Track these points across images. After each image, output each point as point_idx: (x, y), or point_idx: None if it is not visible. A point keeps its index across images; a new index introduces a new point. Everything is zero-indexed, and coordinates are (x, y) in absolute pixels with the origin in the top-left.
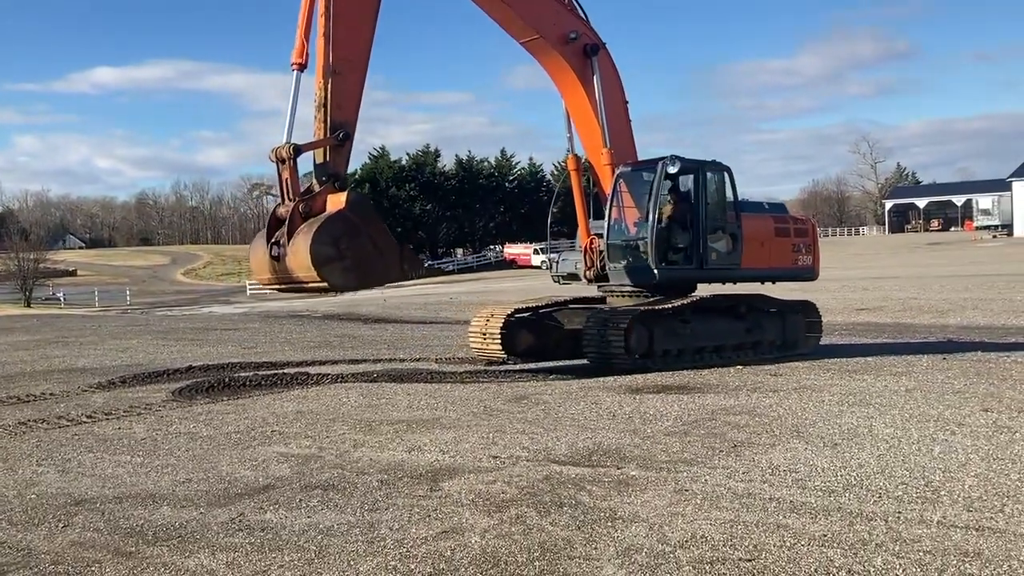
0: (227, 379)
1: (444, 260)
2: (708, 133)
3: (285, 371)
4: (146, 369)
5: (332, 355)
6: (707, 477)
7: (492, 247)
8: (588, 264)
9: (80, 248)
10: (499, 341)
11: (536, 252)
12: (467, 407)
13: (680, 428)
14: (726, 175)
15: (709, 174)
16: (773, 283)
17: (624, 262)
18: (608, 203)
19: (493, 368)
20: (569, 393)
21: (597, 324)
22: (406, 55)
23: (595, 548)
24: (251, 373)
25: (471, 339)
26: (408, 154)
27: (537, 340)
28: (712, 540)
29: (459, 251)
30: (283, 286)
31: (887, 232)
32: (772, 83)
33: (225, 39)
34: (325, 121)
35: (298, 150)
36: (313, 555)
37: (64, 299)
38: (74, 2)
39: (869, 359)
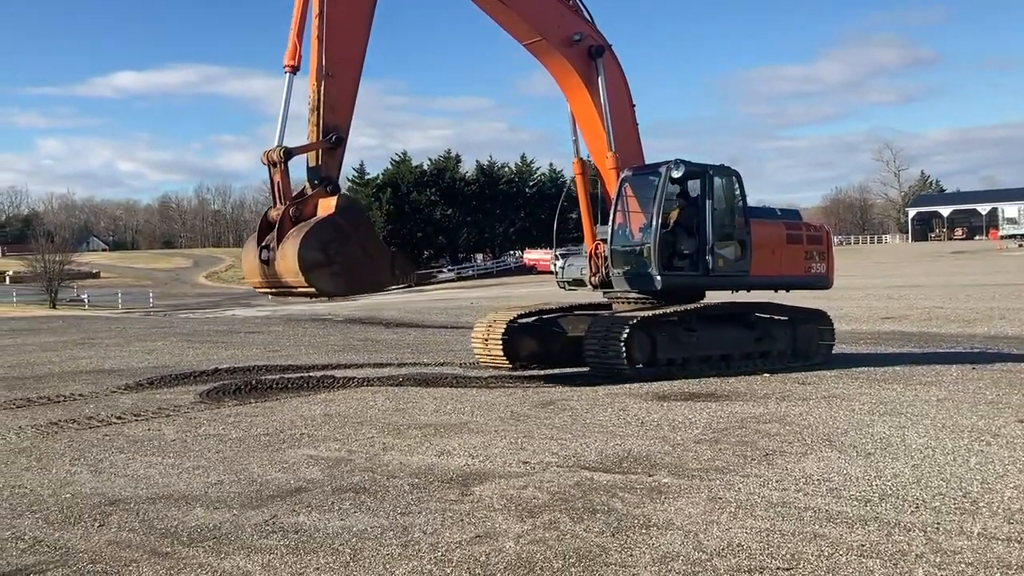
0: (254, 381)
1: (464, 265)
2: (727, 140)
3: (311, 374)
4: (172, 371)
5: (356, 359)
6: (740, 485)
7: (512, 252)
8: (593, 270)
9: (104, 250)
10: (501, 347)
11: (556, 257)
12: (494, 412)
13: (710, 436)
14: (735, 179)
15: (716, 179)
16: (787, 291)
17: (627, 268)
18: (612, 207)
19: (518, 374)
20: (596, 399)
21: (598, 331)
22: (424, 60)
23: (631, 555)
24: (277, 376)
25: (474, 345)
26: (430, 159)
27: (540, 346)
28: (749, 549)
29: (479, 256)
30: (273, 290)
31: (910, 240)
32: (792, 90)
33: (244, 44)
34: (318, 124)
35: (289, 153)
36: (348, 558)
37: (88, 301)
38: (96, 7)
39: (897, 368)
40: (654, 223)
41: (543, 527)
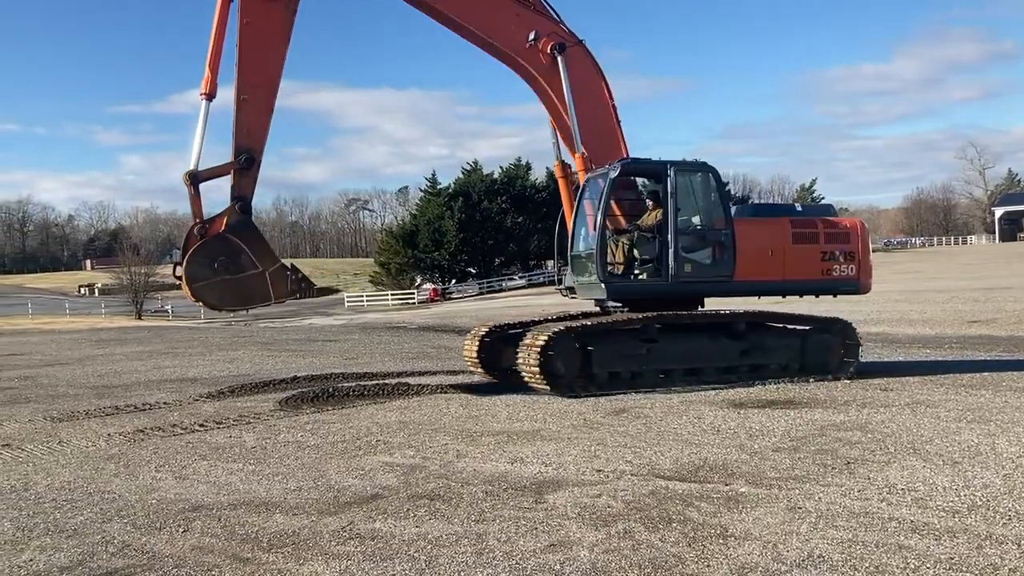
0: (331, 389)
1: (535, 272)
2: (800, 140)
3: (386, 381)
4: (252, 379)
5: (431, 366)
6: (820, 495)
7: None
8: None
9: None
10: (478, 357)
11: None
12: (567, 419)
13: (789, 444)
14: (711, 177)
15: (681, 177)
16: (817, 296)
17: (583, 276)
18: (574, 210)
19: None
20: (670, 407)
21: (525, 342)
22: (492, 69)
23: (708, 566)
24: (354, 383)
25: (464, 354)
26: (500, 168)
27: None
28: (830, 560)
29: (550, 263)
30: (198, 303)
31: (997, 241)
32: (868, 88)
33: (313, 59)
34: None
35: (195, 177)
36: (424, 565)
37: (172, 311)
38: (173, 27)
39: (985, 374)
40: (597, 226)
41: (618, 536)
